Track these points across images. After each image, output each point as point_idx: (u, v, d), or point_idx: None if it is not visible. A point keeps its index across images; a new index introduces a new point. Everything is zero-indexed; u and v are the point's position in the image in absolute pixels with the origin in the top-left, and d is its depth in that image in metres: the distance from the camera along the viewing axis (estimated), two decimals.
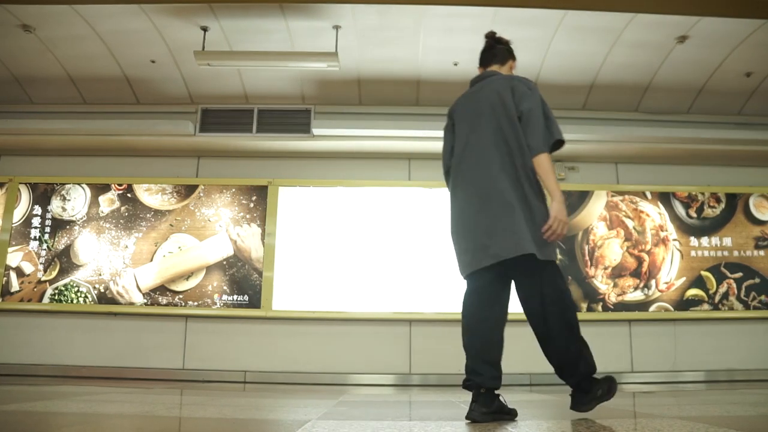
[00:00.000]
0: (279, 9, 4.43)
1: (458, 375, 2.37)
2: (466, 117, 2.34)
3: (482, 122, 2.26)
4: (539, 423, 2.18)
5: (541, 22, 4.55)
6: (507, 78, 2.33)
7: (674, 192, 5.68)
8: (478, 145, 2.25)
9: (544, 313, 2.18)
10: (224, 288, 5.40)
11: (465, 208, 2.27)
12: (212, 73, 5.12)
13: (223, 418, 2.25)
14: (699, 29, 4.59)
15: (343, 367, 5.25)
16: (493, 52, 2.48)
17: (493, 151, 2.20)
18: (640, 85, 5.36)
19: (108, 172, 5.71)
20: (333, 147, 5.56)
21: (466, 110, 2.36)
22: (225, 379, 5.18)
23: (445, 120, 2.58)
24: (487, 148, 2.22)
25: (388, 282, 5.38)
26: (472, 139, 2.28)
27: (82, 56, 5.04)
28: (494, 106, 2.24)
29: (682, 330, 5.42)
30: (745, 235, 5.63)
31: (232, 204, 5.58)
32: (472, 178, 2.25)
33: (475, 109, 2.30)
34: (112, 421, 2.13)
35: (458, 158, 2.33)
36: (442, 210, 5.57)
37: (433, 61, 5.07)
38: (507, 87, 2.25)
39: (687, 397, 3.38)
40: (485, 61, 2.48)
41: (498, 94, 2.25)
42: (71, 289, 5.41)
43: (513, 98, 2.23)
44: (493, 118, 2.23)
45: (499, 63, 2.46)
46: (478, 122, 2.28)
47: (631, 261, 5.51)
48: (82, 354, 5.29)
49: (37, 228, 5.57)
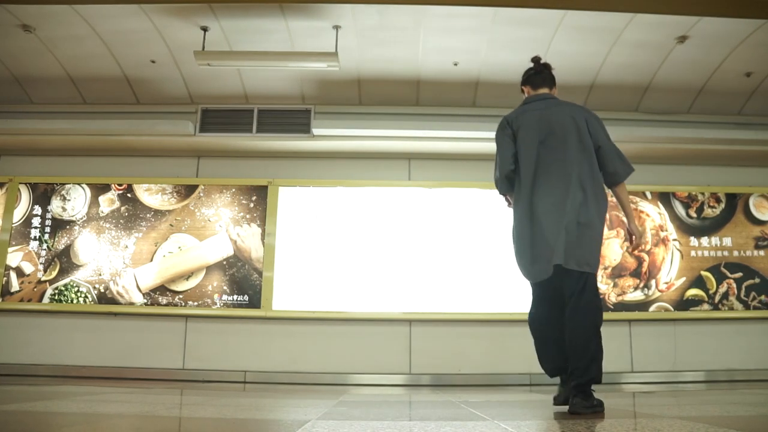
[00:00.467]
0: (279, 9, 4.43)
1: (458, 375, 2.36)
2: (535, 132, 2.55)
3: (555, 141, 2.51)
4: (539, 423, 2.18)
5: (541, 22, 4.55)
6: (579, 108, 2.60)
7: (674, 192, 5.68)
8: (553, 162, 2.49)
9: None
10: (224, 288, 5.40)
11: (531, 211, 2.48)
12: (212, 73, 5.12)
13: (223, 418, 2.25)
14: (699, 29, 4.59)
15: (343, 367, 5.25)
16: (543, 76, 2.73)
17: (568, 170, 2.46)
18: (640, 85, 5.36)
19: (108, 172, 5.71)
20: (333, 147, 5.56)
21: (533, 125, 2.57)
22: (225, 379, 5.18)
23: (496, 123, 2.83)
24: (562, 166, 2.47)
25: (388, 282, 5.38)
26: (544, 154, 2.51)
27: (82, 56, 5.04)
28: (568, 129, 2.51)
29: (682, 330, 5.42)
30: (745, 235, 5.63)
31: (232, 204, 5.58)
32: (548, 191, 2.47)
33: (546, 128, 2.54)
34: (112, 421, 2.13)
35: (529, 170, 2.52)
36: (442, 210, 5.59)
37: (433, 61, 5.07)
38: (582, 116, 2.54)
39: (687, 397, 3.38)
40: (537, 84, 2.72)
41: (573, 120, 2.52)
42: (71, 289, 5.41)
43: (588, 128, 2.52)
44: (568, 140, 2.50)
45: (549, 87, 2.71)
46: (551, 140, 2.51)
47: (631, 261, 5.51)
48: (82, 354, 5.29)
49: (37, 228, 5.57)
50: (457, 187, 5.61)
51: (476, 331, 5.31)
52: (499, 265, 5.29)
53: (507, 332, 5.27)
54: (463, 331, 5.33)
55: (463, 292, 5.35)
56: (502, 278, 5.19)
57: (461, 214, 5.54)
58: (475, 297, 5.33)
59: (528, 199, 2.50)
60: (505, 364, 5.21)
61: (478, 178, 5.61)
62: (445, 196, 5.60)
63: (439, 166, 5.68)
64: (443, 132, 5.37)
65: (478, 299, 5.32)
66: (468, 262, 5.42)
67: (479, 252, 5.43)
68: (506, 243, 3.56)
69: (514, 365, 5.19)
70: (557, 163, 2.47)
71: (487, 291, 5.33)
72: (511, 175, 2.60)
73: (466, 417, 2.28)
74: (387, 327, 5.34)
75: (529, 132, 2.55)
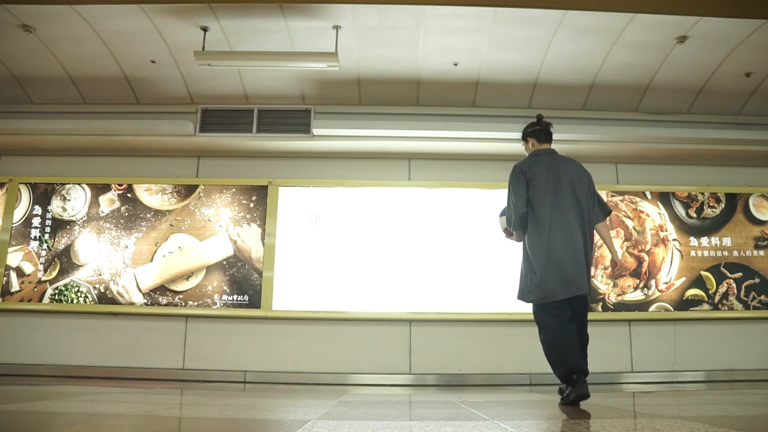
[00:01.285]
0: (279, 9, 4.43)
1: (458, 375, 2.37)
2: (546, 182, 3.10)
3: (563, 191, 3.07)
4: (539, 423, 2.18)
5: (541, 22, 4.55)
6: (577, 163, 3.22)
7: (674, 192, 5.69)
8: (562, 206, 3.04)
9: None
10: (224, 288, 5.40)
11: (556, 249, 2.98)
12: (212, 73, 5.13)
13: (223, 418, 2.25)
14: (699, 29, 4.59)
15: (343, 367, 5.25)
16: (546, 133, 3.27)
17: (573, 212, 3.04)
18: (640, 85, 5.36)
19: (108, 172, 5.71)
20: (333, 147, 5.56)
21: (543, 175, 3.11)
22: (225, 379, 5.18)
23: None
24: (569, 210, 3.04)
25: (388, 282, 5.39)
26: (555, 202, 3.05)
27: (82, 56, 5.04)
28: (574, 181, 3.10)
29: (682, 330, 5.42)
30: (744, 235, 5.63)
31: (232, 204, 5.59)
32: (558, 228, 3.02)
33: (554, 179, 3.09)
34: (112, 421, 2.13)
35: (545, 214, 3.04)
36: (442, 210, 5.59)
37: (433, 61, 5.07)
38: (584, 173, 3.18)
39: (687, 397, 3.38)
40: (542, 139, 3.27)
41: (577, 174, 3.14)
42: (71, 289, 5.41)
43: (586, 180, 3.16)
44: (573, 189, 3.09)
45: (550, 142, 3.29)
46: (560, 189, 3.07)
47: (631, 261, 5.52)
48: (82, 354, 5.29)
49: (37, 228, 5.57)
50: (457, 187, 5.61)
51: (476, 331, 5.31)
52: (499, 266, 5.29)
53: (507, 332, 5.28)
54: (463, 331, 5.33)
55: (463, 292, 5.35)
56: (502, 278, 5.19)
57: (461, 214, 5.54)
58: (475, 297, 5.33)
59: (546, 239, 2.99)
60: (504, 364, 5.21)
61: (478, 178, 5.62)
62: (445, 196, 5.60)
63: (439, 166, 5.68)
64: (443, 132, 5.37)
65: (478, 299, 5.32)
66: (468, 262, 5.42)
67: (479, 252, 5.43)
68: (506, 243, 3.58)
69: (513, 365, 5.20)
70: (566, 209, 3.03)
71: (488, 291, 5.33)
72: (524, 217, 3.07)
73: (466, 417, 2.28)
74: (387, 327, 5.35)
75: (541, 181, 3.08)
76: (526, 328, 5.52)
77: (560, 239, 2.97)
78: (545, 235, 2.98)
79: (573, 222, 3.00)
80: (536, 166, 3.14)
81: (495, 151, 5.46)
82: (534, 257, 3.00)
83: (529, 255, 3.04)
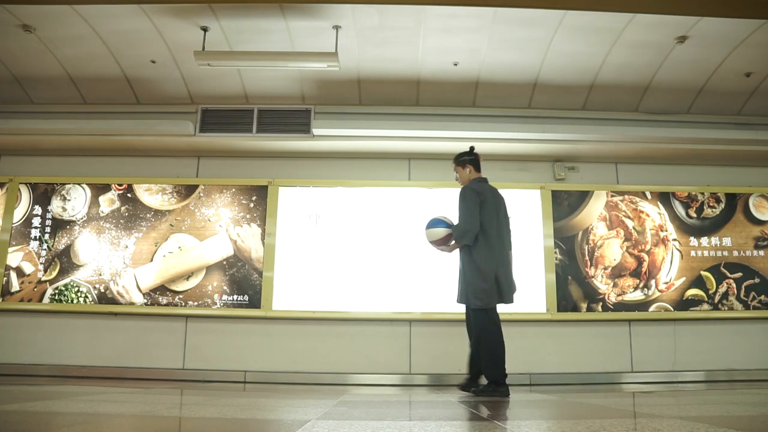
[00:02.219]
0: (279, 9, 4.43)
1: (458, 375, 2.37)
2: (491, 205, 3.75)
3: (500, 213, 3.80)
4: (539, 423, 2.18)
5: (541, 22, 4.55)
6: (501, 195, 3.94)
7: (674, 192, 5.69)
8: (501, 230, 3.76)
9: None
10: (224, 288, 5.40)
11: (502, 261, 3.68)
12: (212, 73, 5.13)
13: (223, 418, 2.26)
14: (699, 29, 4.59)
15: (343, 367, 5.25)
16: (480, 163, 3.97)
17: (506, 235, 3.82)
18: (640, 85, 5.36)
19: (108, 172, 5.71)
20: (333, 147, 5.56)
21: (491, 200, 3.76)
22: (225, 379, 5.18)
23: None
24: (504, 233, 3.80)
25: (388, 282, 5.39)
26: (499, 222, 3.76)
27: (82, 56, 5.04)
28: (502, 207, 3.85)
29: (682, 330, 5.42)
30: (744, 235, 5.63)
31: (232, 204, 5.59)
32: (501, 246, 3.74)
33: (495, 203, 3.78)
34: (112, 421, 2.13)
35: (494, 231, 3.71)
36: (442, 210, 5.57)
37: (433, 61, 5.07)
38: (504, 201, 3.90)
39: (687, 397, 3.38)
40: (479, 168, 3.97)
41: (504, 205, 3.88)
42: (71, 289, 5.41)
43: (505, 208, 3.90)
44: (505, 217, 3.86)
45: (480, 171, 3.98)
46: (497, 212, 3.77)
47: (630, 261, 5.52)
48: (82, 354, 5.29)
49: (37, 228, 5.57)
50: (457, 188, 5.58)
51: None
52: None
53: (506, 332, 5.23)
54: (463, 331, 5.29)
55: None
56: None
57: None
58: None
59: (496, 254, 3.64)
60: (505, 363, 5.19)
61: None
62: (445, 196, 5.59)
63: (439, 166, 5.67)
64: (443, 132, 5.37)
65: None
66: None
67: None
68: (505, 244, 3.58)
69: (513, 365, 5.15)
70: (503, 233, 3.76)
71: None
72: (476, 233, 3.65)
73: (466, 417, 2.28)
74: (387, 327, 5.35)
75: (491, 204, 3.73)
76: (526, 329, 5.53)
77: (503, 257, 3.67)
78: (496, 251, 3.63)
79: (506, 244, 3.75)
80: (485, 192, 3.74)
81: (495, 151, 5.46)
82: (484, 268, 3.59)
83: (477, 266, 3.60)
